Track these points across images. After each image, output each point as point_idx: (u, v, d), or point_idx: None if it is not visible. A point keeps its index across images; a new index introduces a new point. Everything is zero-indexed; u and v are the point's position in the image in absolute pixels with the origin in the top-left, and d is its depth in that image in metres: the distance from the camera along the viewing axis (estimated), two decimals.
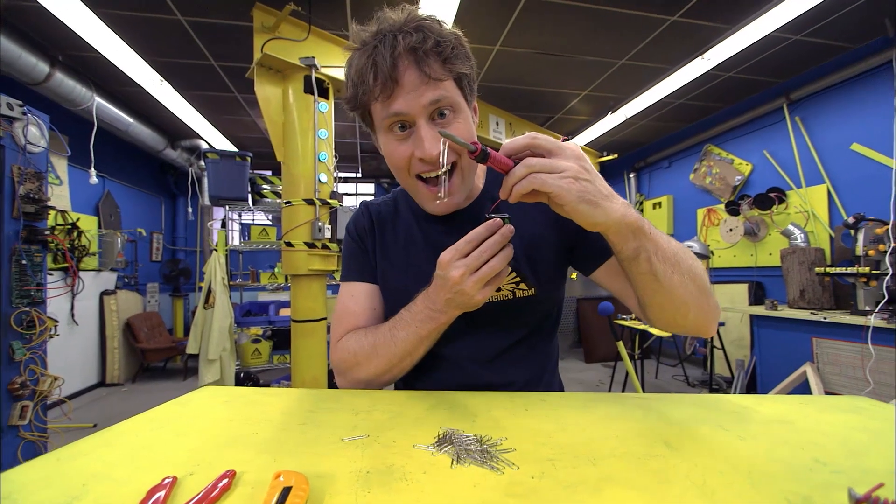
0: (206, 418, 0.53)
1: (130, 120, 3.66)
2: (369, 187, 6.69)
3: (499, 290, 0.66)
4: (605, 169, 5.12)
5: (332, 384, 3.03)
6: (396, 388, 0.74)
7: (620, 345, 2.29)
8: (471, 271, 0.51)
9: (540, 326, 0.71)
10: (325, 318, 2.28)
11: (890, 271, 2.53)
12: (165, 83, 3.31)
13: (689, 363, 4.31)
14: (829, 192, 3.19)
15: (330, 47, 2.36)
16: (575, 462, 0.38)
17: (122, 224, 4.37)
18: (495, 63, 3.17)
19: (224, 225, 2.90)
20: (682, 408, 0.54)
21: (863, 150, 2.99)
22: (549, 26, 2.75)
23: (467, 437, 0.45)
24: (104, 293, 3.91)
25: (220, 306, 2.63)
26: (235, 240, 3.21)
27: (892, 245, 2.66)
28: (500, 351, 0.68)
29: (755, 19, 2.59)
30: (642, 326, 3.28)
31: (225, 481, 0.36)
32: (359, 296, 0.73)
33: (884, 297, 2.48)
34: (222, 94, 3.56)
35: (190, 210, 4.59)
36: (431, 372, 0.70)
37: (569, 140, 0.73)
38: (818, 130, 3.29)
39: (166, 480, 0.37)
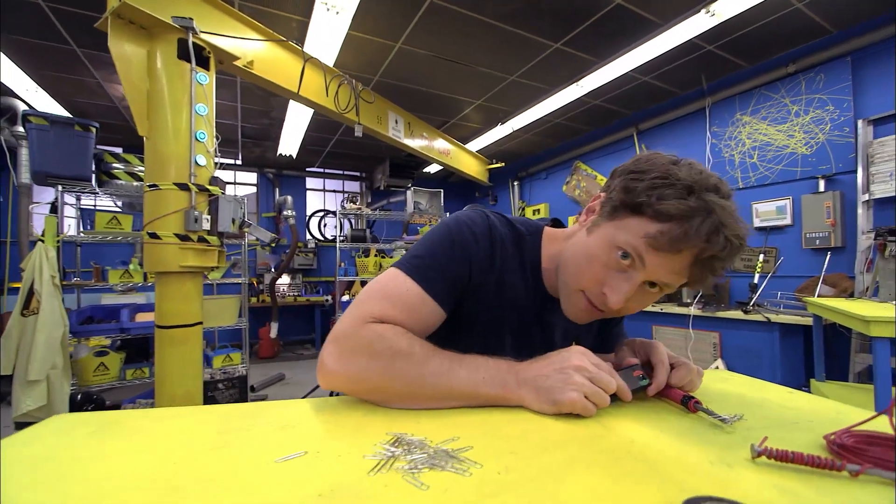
0: (82, 457, 0.41)
1: None
2: (251, 176, 6.04)
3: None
4: (493, 176, 5.50)
5: (207, 400, 2.63)
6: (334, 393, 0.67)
7: None
8: (589, 374, 0.50)
9: None
10: (200, 323, 1.97)
11: None
12: None
13: None
14: None
15: (211, 11, 2.05)
16: (534, 452, 0.40)
17: None
18: (395, 60, 3.15)
19: (55, 210, 2.30)
20: None
21: None
22: (450, 33, 2.83)
23: (419, 440, 0.43)
24: None
25: (47, 312, 2.07)
26: (73, 229, 2.58)
27: None
28: None
29: (618, 58, 3.06)
30: None
31: None
32: (422, 304, 0.61)
33: (699, 292, 3.15)
34: (54, 45, 2.82)
35: None
36: None
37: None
38: None
39: None
